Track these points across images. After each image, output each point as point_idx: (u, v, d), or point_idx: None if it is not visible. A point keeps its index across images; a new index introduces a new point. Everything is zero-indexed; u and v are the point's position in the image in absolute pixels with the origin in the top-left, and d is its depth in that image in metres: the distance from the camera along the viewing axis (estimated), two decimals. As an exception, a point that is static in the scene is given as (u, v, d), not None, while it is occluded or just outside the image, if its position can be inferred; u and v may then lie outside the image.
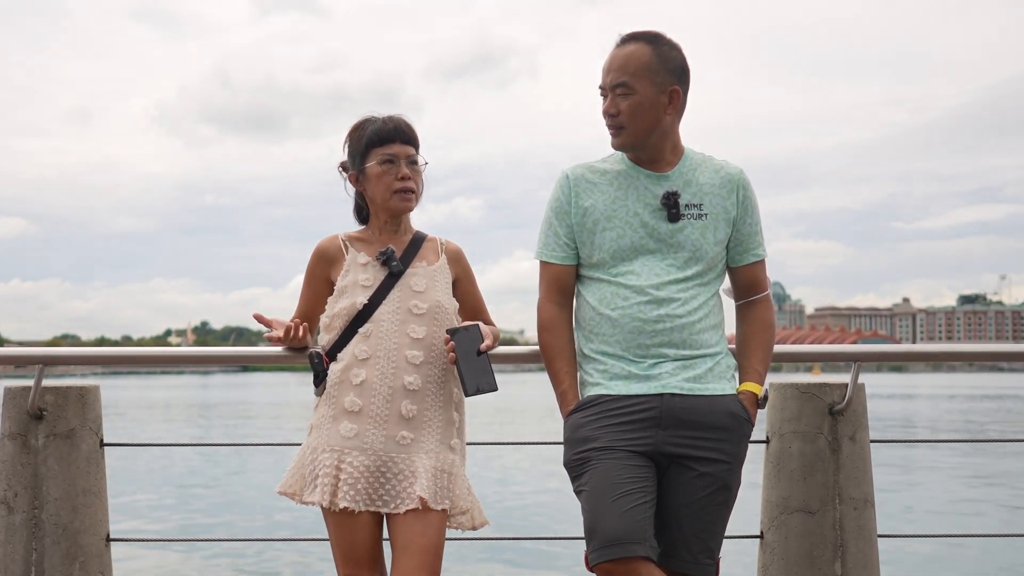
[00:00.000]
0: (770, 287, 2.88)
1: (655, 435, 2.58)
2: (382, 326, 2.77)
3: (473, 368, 2.70)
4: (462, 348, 2.70)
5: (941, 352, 3.71)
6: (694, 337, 2.64)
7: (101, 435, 3.31)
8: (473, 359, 2.70)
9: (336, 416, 2.73)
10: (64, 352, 3.48)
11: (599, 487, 2.52)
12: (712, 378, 2.65)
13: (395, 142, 2.82)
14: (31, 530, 3.18)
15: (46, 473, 3.20)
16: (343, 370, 2.75)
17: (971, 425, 33.22)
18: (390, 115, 2.87)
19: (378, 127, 2.83)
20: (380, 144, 2.82)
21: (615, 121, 2.68)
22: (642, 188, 2.70)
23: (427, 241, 2.94)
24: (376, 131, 2.83)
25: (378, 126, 2.83)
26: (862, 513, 3.28)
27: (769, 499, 3.34)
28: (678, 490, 2.60)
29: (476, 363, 2.70)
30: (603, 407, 2.62)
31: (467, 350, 2.71)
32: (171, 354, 3.70)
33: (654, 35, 2.69)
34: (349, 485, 2.66)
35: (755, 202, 2.79)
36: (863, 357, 3.40)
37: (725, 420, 2.62)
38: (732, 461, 2.63)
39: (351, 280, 2.82)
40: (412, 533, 2.65)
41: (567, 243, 2.75)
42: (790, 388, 3.33)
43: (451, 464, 2.78)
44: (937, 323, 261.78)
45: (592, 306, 2.70)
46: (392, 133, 2.82)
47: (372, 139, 2.82)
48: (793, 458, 3.29)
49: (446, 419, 2.80)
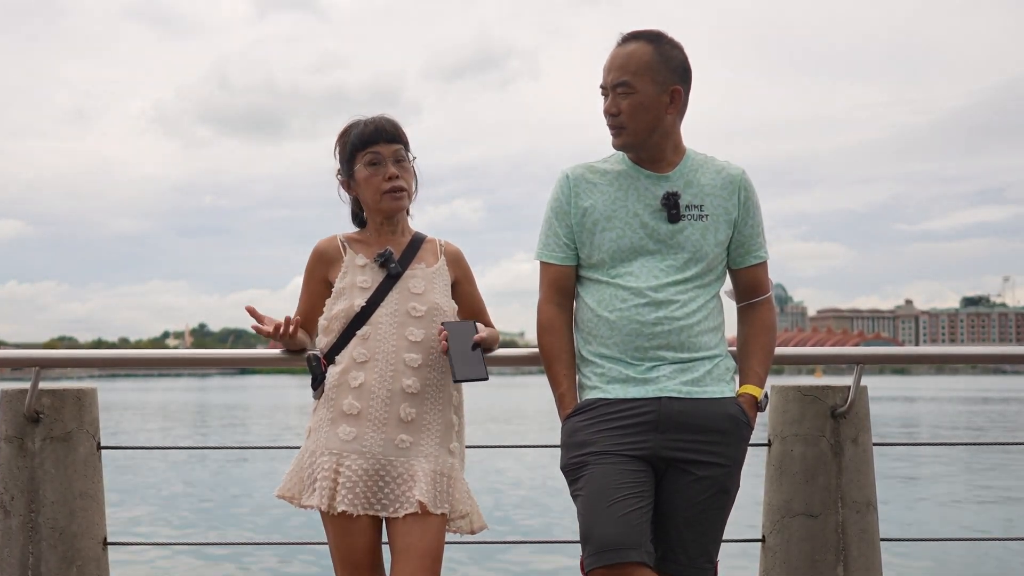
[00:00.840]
0: (772, 289, 2.87)
1: (652, 439, 2.57)
2: (380, 329, 2.76)
3: (464, 357, 2.68)
4: (455, 339, 2.70)
5: (944, 354, 3.71)
6: (693, 339, 2.64)
7: (98, 438, 3.31)
8: (466, 351, 2.69)
9: (334, 419, 2.73)
10: (61, 354, 3.48)
11: (595, 492, 2.52)
12: (711, 381, 2.64)
13: (379, 142, 2.81)
14: (28, 534, 3.18)
15: (43, 476, 3.19)
16: (341, 373, 2.75)
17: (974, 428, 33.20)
18: (373, 116, 2.86)
19: (360, 130, 2.83)
20: (364, 147, 2.81)
21: (616, 121, 2.68)
22: (642, 188, 2.70)
23: (426, 243, 2.93)
24: (359, 134, 2.82)
25: (360, 129, 2.83)
26: (864, 517, 3.27)
27: (771, 503, 3.34)
28: (676, 494, 2.59)
29: (468, 353, 2.69)
30: (600, 411, 2.61)
31: (460, 341, 2.70)
32: (169, 356, 3.69)
33: (656, 34, 2.68)
34: (348, 489, 2.66)
35: (757, 204, 2.78)
36: (865, 359, 3.40)
37: (723, 423, 2.61)
38: (730, 464, 2.62)
39: (349, 282, 2.81)
40: (411, 537, 2.65)
41: (567, 243, 2.74)
42: (792, 391, 3.32)
43: (450, 468, 2.77)
44: (940, 325, 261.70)
45: (590, 308, 2.70)
46: (374, 134, 2.82)
47: (356, 143, 2.82)
48: (795, 461, 3.28)
49: (445, 422, 2.79)
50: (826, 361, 3.65)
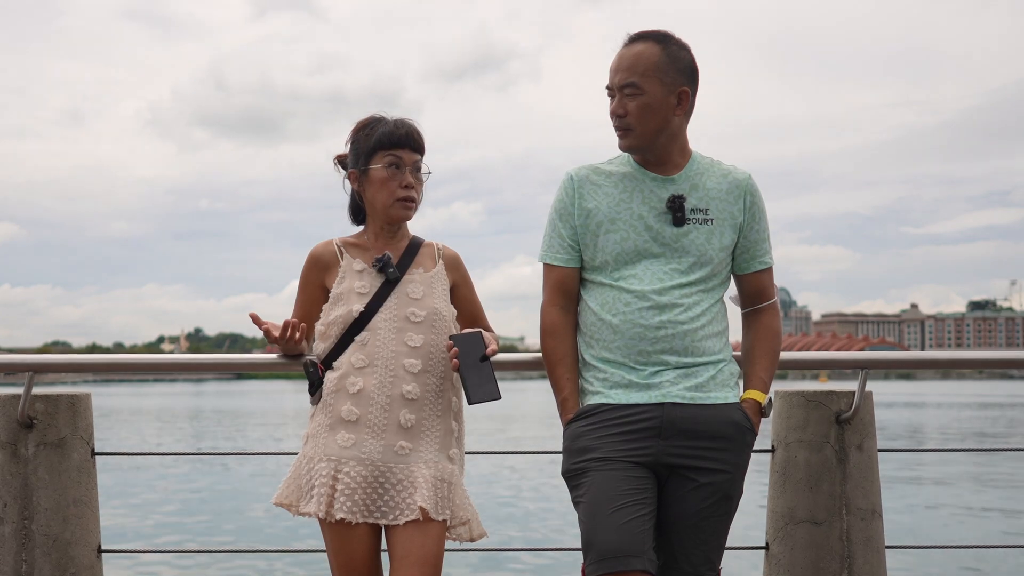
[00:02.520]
0: (777, 295, 2.87)
1: (655, 445, 2.57)
2: (379, 334, 2.76)
3: (477, 375, 2.68)
4: (465, 355, 2.69)
5: (950, 359, 3.70)
6: (696, 344, 2.63)
7: (92, 444, 3.31)
8: (477, 366, 2.69)
9: (333, 425, 2.73)
10: (54, 359, 3.47)
11: (597, 499, 2.52)
12: (714, 386, 2.64)
13: (405, 148, 2.80)
14: (21, 541, 3.17)
15: (36, 483, 3.19)
16: (340, 378, 2.74)
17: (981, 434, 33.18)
18: (402, 118, 2.84)
19: (390, 129, 2.80)
20: (389, 147, 2.79)
21: (622, 122, 2.67)
22: (647, 191, 2.70)
23: (424, 246, 2.93)
24: (388, 133, 2.80)
25: (390, 128, 2.80)
26: (869, 524, 3.27)
27: (775, 509, 3.33)
28: (678, 501, 2.59)
29: (480, 370, 2.69)
30: (603, 416, 2.61)
31: (470, 357, 2.69)
32: (164, 361, 3.69)
33: (663, 35, 2.68)
34: (346, 496, 2.66)
35: (763, 209, 2.78)
36: (870, 364, 3.39)
37: (727, 429, 2.61)
38: (733, 471, 2.62)
39: (347, 287, 2.81)
40: (412, 544, 2.65)
41: (571, 245, 2.74)
42: (796, 396, 3.32)
43: (450, 474, 2.77)
44: (946, 329, 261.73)
45: (593, 311, 2.69)
46: (404, 139, 2.80)
47: (383, 140, 2.79)
48: (799, 468, 3.28)
49: (445, 428, 2.79)
50: (830, 366, 3.65)
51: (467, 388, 2.69)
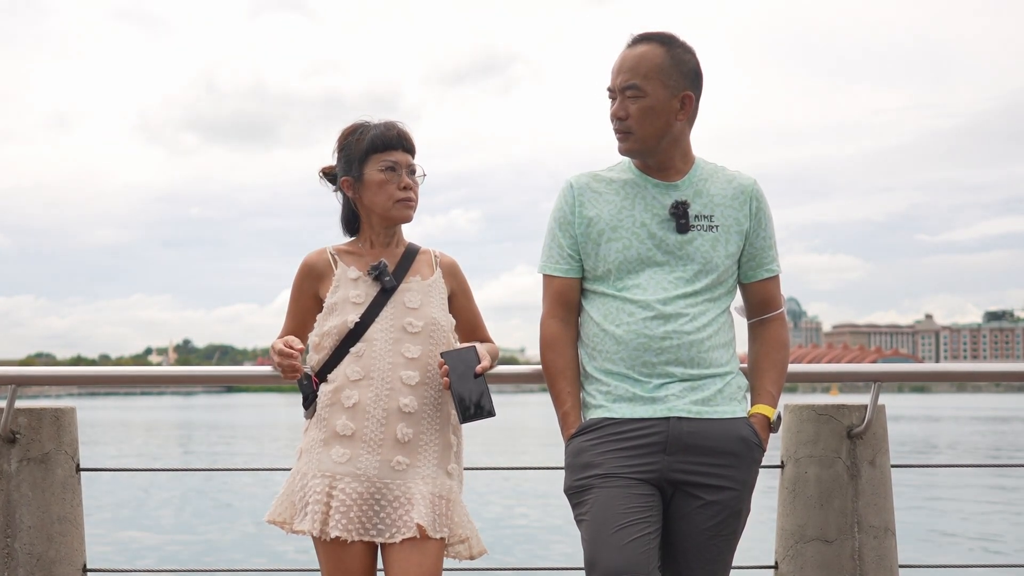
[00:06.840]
0: (785, 304, 2.87)
1: (661, 461, 2.57)
2: (375, 345, 2.76)
3: (468, 393, 2.67)
4: (456, 371, 2.68)
5: (966, 372, 3.70)
6: (703, 355, 2.63)
7: (77, 460, 3.30)
8: (469, 382, 2.68)
9: (327, 440, 2.73)
10: (38, 372, 3.48)
11: (600, 517, 2.51)
12: (721, 400, 2.64)
13: (398, 150, 2.82)
14: (3, 560, 3.17)
15: (19, 500, 3.19)
16: (334, 392, 2.74)
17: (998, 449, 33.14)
18: (389, 121, 2.86)
19: (381, 132, 2.83)
20: (383, 150, 2.81)
21: (623, 125, 2.67)
22: (650, 198, 2.70)
23: (420, 254, 2.93)
24: (379, 136, 2.82)
25: (380, 131, 2.83)
26: (882, 542, 3.27)
27: (784, 527, 3.33)
28: (684, 519, 2.59)
29: (472, 387, 2.68)
30: (606, 431, 2.61)
31: (462, 373, 2.68)
32: (151, 374, 3.70)
33: (667, 36, 2.68)
34: (341, 513, 2.65)
35: (769, 215, 2.78)
36: (883, 377, 3.39)
37: (734, 445, 2.61)
38: (740, 488, 2.62)
39: (341, 296, 2.81)
40: (408, 563, 2.65)
41: (571, 255, 2.74)
42: (806, 410, 3.32)
43: (449, 490, 2.77)
44: (962, 341, 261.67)
45: (596, 322, 2.69)
46: (395, 140, 2.82)
47: (376, 144, 2.81)
48: (809, 484, 3.28)
49: (443, 443, 2.79)
50: (842, 379, 3.65)
51: (458, 408, 2.68)
